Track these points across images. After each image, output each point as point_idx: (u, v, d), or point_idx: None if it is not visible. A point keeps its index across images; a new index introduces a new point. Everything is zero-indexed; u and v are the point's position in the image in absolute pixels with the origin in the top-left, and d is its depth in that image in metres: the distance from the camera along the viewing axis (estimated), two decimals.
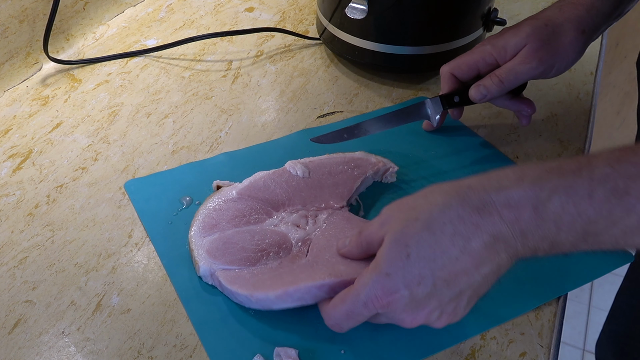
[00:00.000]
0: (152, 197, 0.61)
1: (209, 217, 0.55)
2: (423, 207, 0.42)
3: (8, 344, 0.49)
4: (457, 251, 0.40)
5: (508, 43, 0.60)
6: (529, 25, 0.60)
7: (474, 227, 0.40)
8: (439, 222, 0.41)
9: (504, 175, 0.41)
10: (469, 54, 0.63)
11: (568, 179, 0.39)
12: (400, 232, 0.42)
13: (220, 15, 0.92)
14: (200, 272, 0.52)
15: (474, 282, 0.41)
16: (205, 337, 0.49)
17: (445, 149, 0.67)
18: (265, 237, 0.53)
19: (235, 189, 0.58)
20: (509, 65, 0.60)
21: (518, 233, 0.40)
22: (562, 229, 0.39)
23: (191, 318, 0.50)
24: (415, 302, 0.41)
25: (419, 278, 0.40)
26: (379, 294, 0.41)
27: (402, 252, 0.41)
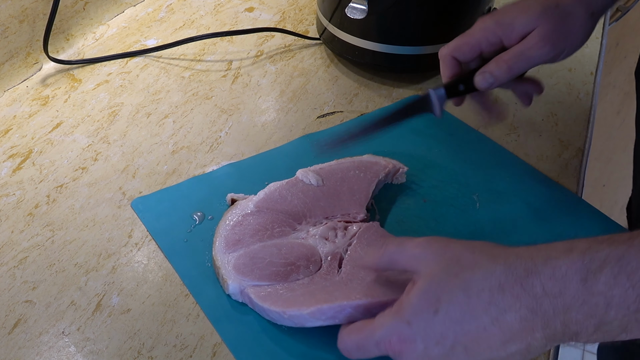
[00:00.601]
0: (162, 215, 0.59)
1: (232, 232, 0.55)
2: (467, 265, 0.39)
3: (8, 344, 0.49)
4: (489, 321, 0.37)
5: (516, 22, 0.54)
6: (539, 4, 0.54)
7: (514, 299, 0.37)
8: (478, 287, 0.38)
9: (553, 247, 0.38)
10: (470, 34, 0.56)
11: (620, 249, 0.35)
12: (436, 283, 0.39)
13: (220, 15, 0.92)
14: (230, 290, 0.51)
15: (496, 358, 0.38)
16: (241, 356, 0.48)
17: (449, 147, 0.67)
18: (293, 251, 0.53)
19: (252, 202, 0.57)
20: (518, 49, 0.54)
21: (560, 309, 0.36)
22: (612, 304, 0.35)
23: (223, 338, 0.49)
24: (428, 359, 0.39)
25: (440, 337, 0.38)
26: (394, 339, 0.39)
27: (430, 306, 0.39)
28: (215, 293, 0.52)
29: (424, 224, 0.59)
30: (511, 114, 0.73)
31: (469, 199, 0.61)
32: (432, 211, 0.60)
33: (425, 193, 0.62)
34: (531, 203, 0.61)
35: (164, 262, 0.56)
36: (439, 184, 0.63)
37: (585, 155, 0.69)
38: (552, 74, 0.80)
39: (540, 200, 0.61)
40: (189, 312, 0.52)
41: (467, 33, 0.56)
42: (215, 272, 0.53)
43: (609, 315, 0.35)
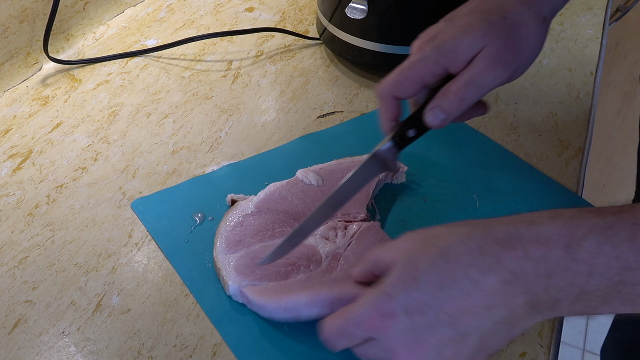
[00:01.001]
0: (162, 216, 0.59)
1: (232, 233, 0.55)
2: (443, 235, 0.39)
3: (8, 344, 0.49)
4: (470, 285, 0.36)
5: (458, 46, 0.46)
6: (482, 20, 0.46)
7: (494, 259, 0.36)
8: (456, 251, 0.37)
9: (538, 214, 0.38)
10: (409, 66, 0.48)
11: (608, 220, 0.35)
12: (414, 255, 0.38)
13: (220, 15, 0.92)
14: (230, 291, 0.51)
15: (481, 327, 0.37)
16: (242, 357, 0.48)
17: (448, 146, 0.67)
18: (294, 251, 0.52)
19: (252, 203, 0.57)
20: (466, 77, 0.46)
21: (543, 273, 0.35)
22: (594, 274, 0.34)
23: (224, 338, 0.49)
24: (413, 334, 0.37)
25: (423, 306, 0.37)
26: (374, 314, 0.38)
27: (410, 276, 0.38)
28: (216, 294, 0.52)
29: (424, 223, 0.59)
30: (511, 114, 0.73)
31: (469, 198, 0.61)
32: (432, 210, 0.60)
33: (425, 192, 0.62)
34: (531, 202, 0.61)
35: (164, 262, 0.56)
36: (439, 183, 0.63)
37: (585, 155, 0.69)
38: (552, 74, 0.80)
39: (540, 199, 0.61)
40: (189, 312, 0.52)
41: (407, 66, 0.48)
42: (216, 273, 0.53)
43: (591, 285, 0.35)
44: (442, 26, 0.48)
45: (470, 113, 0.51)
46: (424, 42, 0.48)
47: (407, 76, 0.48)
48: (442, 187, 0.62)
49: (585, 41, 0.86)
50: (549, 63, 0.82)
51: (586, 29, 0.88)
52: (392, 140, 0.50)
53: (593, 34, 0.87)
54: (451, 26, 0.48)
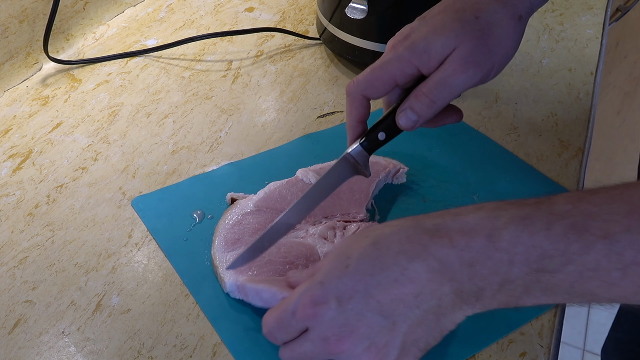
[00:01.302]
0: (162, 214, 0.59)
1: (231, 232, 0.55)
2: (376, 228, 0.40)
3: (8, 344, 0.49)
4: (398, 272, 0.37)
5: (431, 47, 0.45)
6: (455, 20, 0.45)
7: (421, 247, 0.37)
8: (387, 240, 0.39)
9: (464, 208, 0.39)
10: (381, 66, 0.47)
11: (526, 210, 0.37)
12: (347, 245, 0.40)
13: (220, 15, 0.92)
14: (227, 287, 0.51)
15: (410, 315, 0.38)
16: (239, 355, 0.48)
17: (448, 146, 0.67)
18: (292, 250, 0.53)
19: (251, 202, 0.57)
20: (438, 78, 0.45)
21: (467, 261, 0.36)
22: (514, 261, 0.36)
23: (221, 336, 0.49)
24: (343, 320, 0.38)
25: (352, 291, 0.38)
26: (307, 301, 0.38)
27: (341, 263, 0.39)
28: (214, 292, 0.52)
29: None
30: (511, 114, 0.73)
31: (469, 199, 0.61)
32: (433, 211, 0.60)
33: (426, 193, 0.62)
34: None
35: (164, 262, 0.56)
36: (439, 184, 0.63)
37: (585, 155, 0.69)
38: (552, 74, 0.80)
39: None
40: (189, 312, 0.52)
41: (379, 65, 0.47)
42: (214, 271, 0.53)
43: (513, 273, 0.36)
44: (415, 25, 0.47)
45: (444, 119, 0.51)
46: (397, 42, 0.47)
47: (378, 75, 0.47)
48: (442, 188, 0.62)
49: (585, 41, 0.86)
50: (549, 63, 0.82)
51: (586, 29, 0.88)
52: (361, 144, 0.49)
53: (593, 34, 0.87)
54: (424, 25, 0.46)
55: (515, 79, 0.79)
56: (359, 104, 0.48)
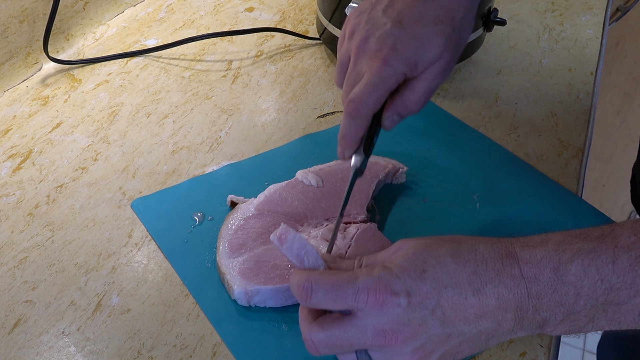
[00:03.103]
0: (162, 216, 0.59)
1: (235, 237, 0.55)
2: (451, 240, 0.41)
3: (8, 344, 0.49)
4: (470, 291, 0.39)
5: (420, 60, 0.49)
6: (439, 35, 0.49)
7: (495, 273, 0.39)
8: (464, 257, 0.40)
9: (530, 238, 0.41)
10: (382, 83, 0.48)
11: (592, 244, 0.38)
12: (422, 249, 0.40)
13: (220, 15, 0.92)
14: (235, 295, 0.51)
15: (466, 332, 0.39)
16: (241, 357, 0.48)
17: (448, 147, 0.67)
18: None
19: (252, 205, 0.57)
20: (422, 86, 0.50)
21: (534, 294, 0.38)
22: (581, 294, 0.37)
23: (223, 338, 0.49)
24: (406, 319, 0.39)
25: (424, 298, 0.39)
26: (382, 288, 0.39)
27: (418, 266, 0.39)
28: (216, 294, 0.52)
29: (424, 224, 0.59)
30: (511, 114, 0.73)
31: (469, 199, 0.61)
32: (433, 211, 0.60)
33: (425, 193, 0.62)
34: (531, 203, 0.61)
35: (164, 262, 0.56)
36: (439, 184, 0.63)
37: (585, 155, 0.69)
38: (552, 74, 0.80)
39: (540, 200, 0.61)
40: (189, 312, 0.52)
41: (379, 82, 0.48)
42: (220, 278, 0.53)
43: (578, 305, 0.37)
44: (396, 33, 0.49)
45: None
46: (387, 53, 0.48)
47: (383, 92, 0.49)
48: (442, 188, 0.62)
49: (585, 41, 0.86)
50: (549, 63, 0.82)
51: (586, 29, 0.88)
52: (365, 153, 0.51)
53: (593, 34, 0.87)
54: (405, 35, 0.48)
55: (515, 79, 0.79)
56: (367, 122, 0.50)
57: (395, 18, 0.49)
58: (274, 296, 0.50)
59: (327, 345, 0.41)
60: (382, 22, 0.50)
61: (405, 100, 0.50)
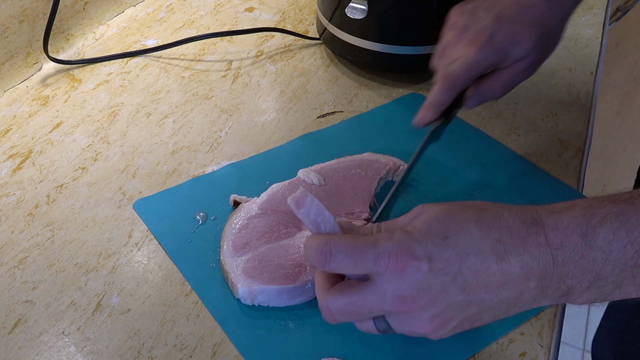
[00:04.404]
0: (165, 216, 0.59)
1: (238, 236, 0.55)
2: (474, 207, 0.40)
3: (8, 344, 0.49)
4: (493, 259, 0.38)
5: (511, 53, 0.55)
6: (529, 34, 0.54)
7: (520, 241, 0.38)
8: (488, 224, 0.39)
9: (555, 205, 0.40)
10: (476, 65, 0.54)
11: (620, 207, 0.37)
12: (447, 212, 0.39)
13: (220, 15, 0.92)
14: (239, 294, 0.51)
15: (487, 301, 0.39)
16: (249, 356, 0.48)
17: (447, 143, 0.67)
18: (299, 251, 0.53)
19: (255, 205, 0.57)
20: (508, 77, 0.56)
21: (560, 261, 0.37)
22: (609, 259, 0.36)
23: (231, 338, 0.49)
24: (426, 285, 0.38)
25: (445, 264, 0.38)
26: (403, 252, 0.38)
27: (441, 232, 0.38)
28: (222, 293, 0.52)
29: None
30: (511, 114, 0.73)
31: (470, 196, 0.61)
32: None
33: (427, 190, 0.62)
34: (532, 199, 0.61)
35: (164, 262, 0.56)
36: (439, 181, 0.63)
37: (585, 155, 0.69)
38: (552, 74, 0.80)
39: (541, 196, 0.61)
40: (189, 312, 0.52)
41: (473, 63, 0.54)
42: (224, 277, 0.53)
43: (606, 271, 0.37)
44: (493, 26, 0.54)
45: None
46: (483, 42, 0.54)
47: (475, 72, 0.55)
48: (443, 185, 0.63)
49: (585, 41, 0.86)
50: (549, 63, 0.82)
51: (586, 29, 0.88)
52: (444, 120, 0.57)
53: (593, 34, 0.87)
54: (503, 31, 0.54)
55: None
56: (454, 95, 0.55)
57: (495, 14, 0.55)
58: (278, 296, 0.50)
59: (345, 312, 0.40)
60: (482, 16, 0.56)
61: (490, 85, 0.57)
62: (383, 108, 0.74)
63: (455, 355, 0.48)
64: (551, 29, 0.56)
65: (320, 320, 0.50)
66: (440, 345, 0.48)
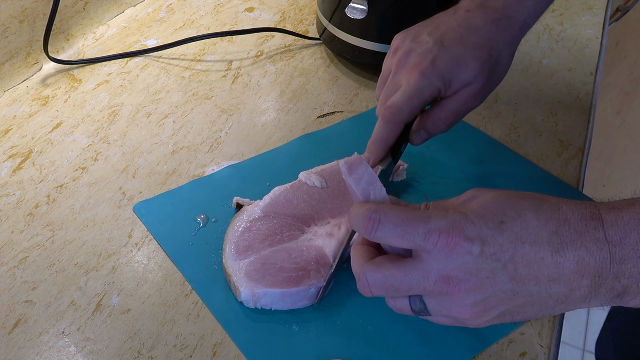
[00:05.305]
0: (165, 219, 0.59)
1: (241, 239, 0.55)
2: (532, 197, 0.39)
3: (8, 344, 0.49)
4: (549, 250, 0.36)
5: (455, 78, 0.51)
6: (474, 57, 0.52)
7: (577, 235, 0.36)
8: (547, 214, 0.37)
9: (616, 201, 0.38)
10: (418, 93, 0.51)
11: None
12: (505, 197, 0.38)
13: (220, 15, 0.92)
14: (242, 297, 0.51)
15: (534, 294, 0.37)
16: (253, 358, 0.48)
17: (446, 142, 0.67)
18: (303, 255, 0.53)
19: (258, 208, 0.57)
20: (454, 107, 0.53)
21: (617, 259, 0.36)
22: None
23: (234, 340, 0.49)
24: (474, 269, 0.37)
25: (498, 249, 0.36)
26: (456, 232, 0.36)
27: (497, 216, 0.37)
28: (225, 296, 0.52)
29: None
30: (511, 114, 0.73)
31: None
32: None
33: (427, 189, 0.62)
34: None
35: (164, 262, 0.56)
36: (439, 180, 0.63)
37: (585, 155, 0.69)
38: (552, 74, 0.80)
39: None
40: (189, 312, 0.52)
41: (415, 92, 0.51)
42: (226, 280, 0.53)
43: None
44: (436, 50, 0.52)
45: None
46: (425, 67, 0.51)
47: (419, 102, 0.51)
48: (442, 184, 0.63)
49: (585, 41, 0.86)
50: (549, 63, 0.82)
51: (586, 29, 0.88)
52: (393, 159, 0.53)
53: (593, 34, 0.87)
54: (446, 54, 0.51)
55: (515, 79, 0.79)
56: (399, 130, 0.52)
57: (438, 38, 0.53)
58: (281, 300, 0.50)
59: (383, 286, 0.39)
60: (425, 40, 0.53)
61: (434, 117, 0.53)
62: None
63: (457, 356, 0.48)
64: (498, 52, 0.53)
65: (324, 322, 0.50)
66: (442, 346, 0.49)
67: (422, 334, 0.49)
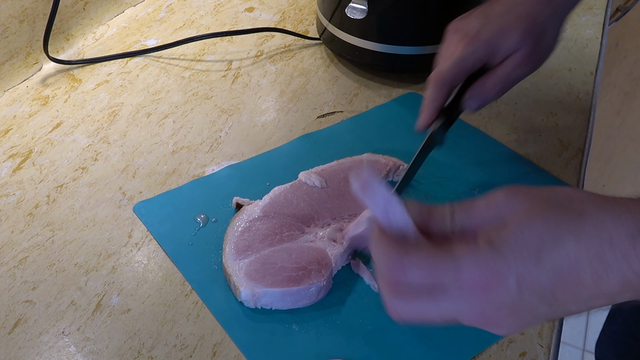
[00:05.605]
0: (165, 219, 0.59)
1: (241, 239, 0.55)
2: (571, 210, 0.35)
3: (8, 344, 0.49)
4: (590, 274, 0.33)
5: (500, 45, 0.55)
6: (518, 25, 0.55)
7: (622, 258, 0.33)
8: (588, 235, 0.34)
9: None
10: (463, 59, 0.55)
11: None
12: (542, 219, 0.34)
13: (220, 15, 0.92)
14: (242, 297, 0.51)
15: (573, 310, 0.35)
16: (254, 358, 0.48)
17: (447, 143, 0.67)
18: (303, 254, 0.53)
19: (258, 207, 0.57)
20: (504, 73, 0.56)
21: None
22: None
23: (234, 340, 0.49)
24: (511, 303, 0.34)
25: (536, 283, 0.34)
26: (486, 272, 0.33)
27: (533, 245, 0.34)
28: (225, 296, 0.52)
29: None
30: (511, 114, 0.73)
31: (470, 195, 0.61)
32: None
33: (427, 190, 0.62)
34: None
35: (164, 262, 0.56)
36: (439, 181, 0.63)
37: (585, 155, 0.69)
38: (552, 74, 0.80)
39: None
40: (189, 312, 0.52)
41: (460, 58, 0.55)
42: (226, 280, 0.53)
43: None
44: (482, 22, 0.55)
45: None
46: (471, 37, 0.55)
47: (463, 67, 0.55)
48: (442, 185, 0.63)
49: (585, 41, 0.86)
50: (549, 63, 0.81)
51: (586, 29, 0.88)
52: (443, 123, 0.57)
53: (593, 34, 0.87)
54: (490, 25, 0.55)
55: None
56: (446, 93, 0.56)
57: (483, 14, 0.57)
58: (281, 299, 0.50)
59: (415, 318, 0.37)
60: (473, 16, 0.57)
61: (483, 84, 0.56)
62: (382, 108, 0.74)
63: (457, 355, 0.48)
64: (542, 22, 0.55)
65: (324, 322, 0.50)
66: (442, 346, 0.49)
67: (422, 334, 0.49)
